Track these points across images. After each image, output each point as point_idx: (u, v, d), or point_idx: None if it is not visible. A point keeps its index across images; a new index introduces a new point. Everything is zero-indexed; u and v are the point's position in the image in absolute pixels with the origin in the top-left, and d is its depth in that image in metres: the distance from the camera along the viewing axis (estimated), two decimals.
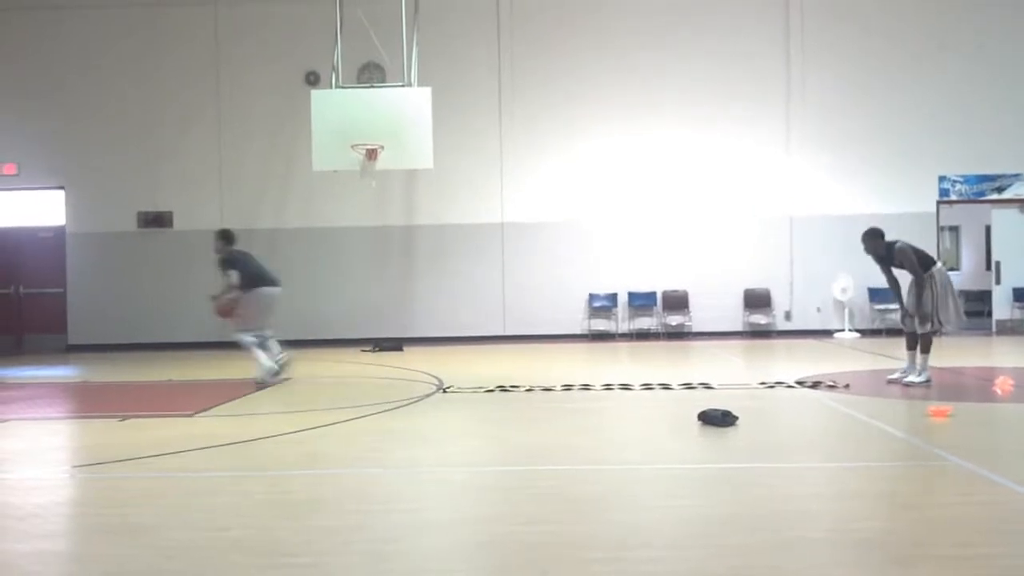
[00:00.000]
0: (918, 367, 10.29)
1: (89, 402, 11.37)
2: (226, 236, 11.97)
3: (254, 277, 11.68)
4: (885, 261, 10.65)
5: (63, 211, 18.45)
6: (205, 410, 9.55)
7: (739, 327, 17.87)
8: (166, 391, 11.88)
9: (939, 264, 10.50)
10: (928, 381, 10.19)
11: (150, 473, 6.63)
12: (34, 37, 18.26)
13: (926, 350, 10.29)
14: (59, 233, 18.48)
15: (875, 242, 10.64)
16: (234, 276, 11.48)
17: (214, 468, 6.76)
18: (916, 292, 10.31)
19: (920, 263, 10.29)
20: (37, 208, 18.66)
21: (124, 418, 9.05)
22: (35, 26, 18.24)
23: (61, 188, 18.41)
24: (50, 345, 18.19)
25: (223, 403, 10.10)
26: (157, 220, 18.22)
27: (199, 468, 6.75)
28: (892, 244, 10.49)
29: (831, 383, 10.37)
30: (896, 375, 10.55)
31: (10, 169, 18.37)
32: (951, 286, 10.33)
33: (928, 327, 10.23)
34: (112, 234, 18.28)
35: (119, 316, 18.06)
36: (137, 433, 8.27)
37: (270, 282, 11.79)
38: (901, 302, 10.65)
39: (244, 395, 10.74)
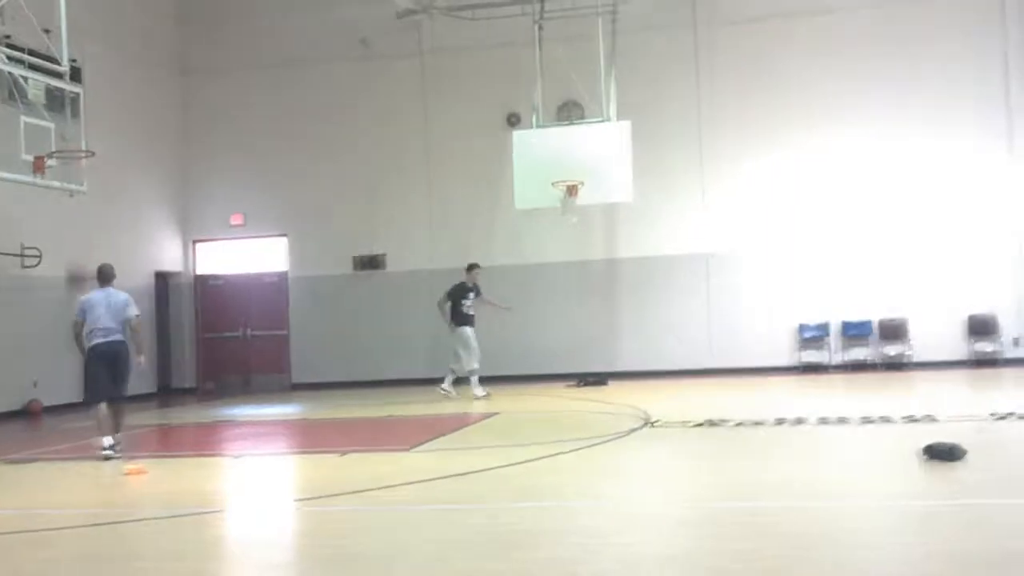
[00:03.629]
0: None
1: (312, 438, 11.94)
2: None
3: None
4: None
5: (286, 257, 19.55)
6: (420, 444, 9.84)
7: (963, 356, 16.84)
8: (382, 426, 12.33)
9: None
10: None
11: (371, 506, 6.88)
12: (259, 95, 19.50)
13: None
14: (282, 278, 19.58)
15: None
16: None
17: (432, 501, 6.95)
18: None
19: None
20: (262, 255, 19.85)
21: (345, 453, 9.45)
22: (258, 83, 19.47)
23: (284, 235, 19.54)
24: (275, 384, 19.23)
25: (437, 438, 10.38)
26: (372, 263, 19.01)
27: (418, 501, 6.96)
28: None
29: None
30: None
31: (237, 219, 19.65)
32: None
33: None
34: (330, 277, 19.21)
35: (338, 355, 18.88)
36: (358, 467, 8.63)
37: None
38: None
39: (456, 430, 11.01)
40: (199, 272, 20.04)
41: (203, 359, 19.87)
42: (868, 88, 17.13)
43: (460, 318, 15.16)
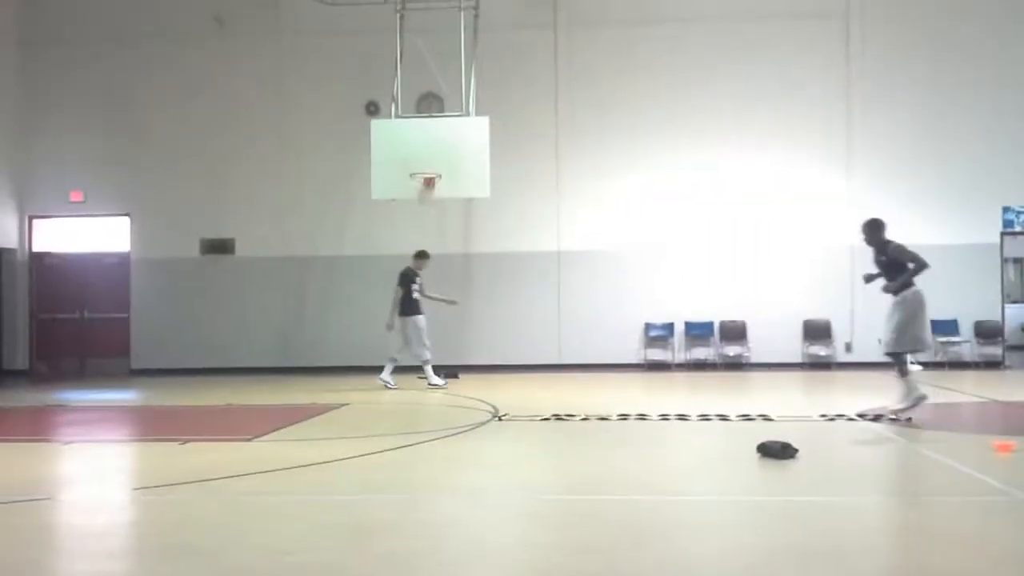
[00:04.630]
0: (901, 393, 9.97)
1: (151, 426, 11.56)
2: None
3: None
4: (879, 256, 10.27)
5: (128, 237, 18.84)
6: (265, 434, 9.66)
7: (798, 359, 17.62)
8: (226, 416, 12.04)
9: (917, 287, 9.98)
10: (910, 407, 9.84)
11: (212, 496, 6.72)
12: (103, 67, 18.70)
13: (902, 373, 10.02)
14: (124, 259, 18.86)
15: (874, 234, 10.42)
16: None
17: (275, 492, 6.83)
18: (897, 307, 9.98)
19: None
20: (103, 234, 19.07)
21: (185, 442, 9.18)
22: (104, 57, 18.67)
23: (127, 215, 18.82)
24: (114, 369, 18.52)
25: (282, 428, 10.20)
26: (220, 247, 18.51)
27: (259, 492, 6.83)
28: (888, 241, 10.20)
29: (892, 416, 10.18)
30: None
31: (77, 196, 18.81)
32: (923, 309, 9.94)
33: (895, 347, 9.99)
34: (175, 260, 18.61)
35: (181, 341, 18.33)
36: (199, 456, 8.40)
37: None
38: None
39: (303, 420, 10.85)
40: (35, 249, 19.11)
41: (38, 340, 18.96)
42: (719, 100, 17.71)
43: (411, 306, 14.89)
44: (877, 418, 10.00)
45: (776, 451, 7.74)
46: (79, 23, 18.75)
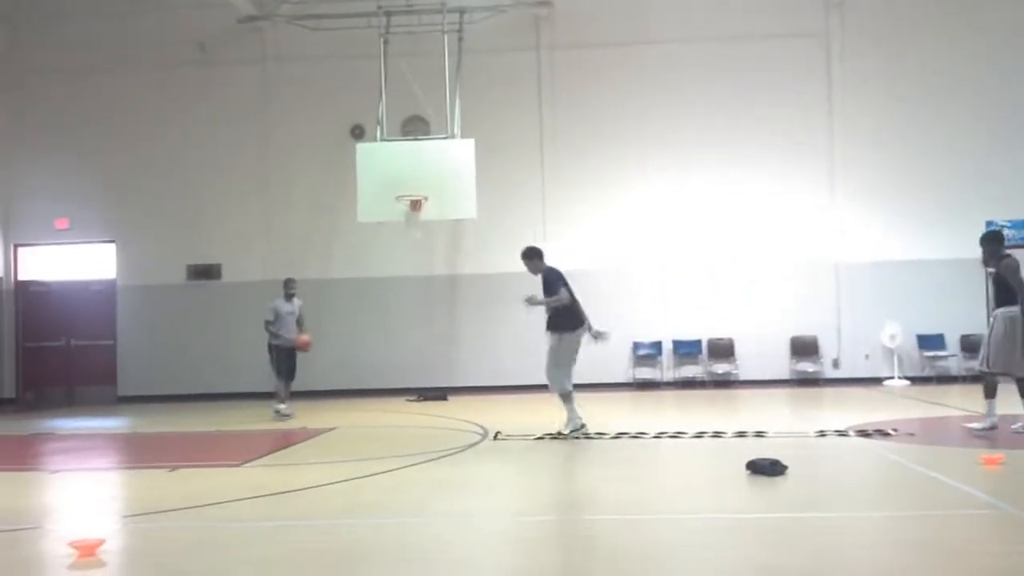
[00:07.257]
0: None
1: (139, 453, 11.51)
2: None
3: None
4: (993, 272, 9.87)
5: (114, 264, 18.79)
6: (253, 460, 9.62)
7: (786, 375, 17.67)
8: (214, 441, 11.99)
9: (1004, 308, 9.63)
10: (989, 428, 9.65)
11: (199, 523, 6.68)
12: (87, 94, 18.73)
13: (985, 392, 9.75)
14: (110, 286, 18.81)
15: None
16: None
17: (262, 518, 6.79)
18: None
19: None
20: (89, 262, 19.02)
21: (174, 468, 9.14)
22: (88, 84, 18.71)
23: (112, 242, 18.78)
24: (101, 397, 18.44)
25: (270, 453, 10.17)
26: (206, 272, 18.49)
27: (247, 518, 6.79)
28: (1004, 256, 9.73)
29: (881, 431, 10.20)
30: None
31: (63, 223, 18.78)
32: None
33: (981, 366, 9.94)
34: (162, 286, 18.58)
35: (168, 367, 18.27)
36: (186, 483, 8.36)
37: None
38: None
39: (292, 445, 10.82)
40: (21, 278, 19.05)
41: (24, 369, 18.90)
42: (702, 119, 17.84)
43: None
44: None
45: (765, 468, 7.74)
46: (63, 51, 18.78)
